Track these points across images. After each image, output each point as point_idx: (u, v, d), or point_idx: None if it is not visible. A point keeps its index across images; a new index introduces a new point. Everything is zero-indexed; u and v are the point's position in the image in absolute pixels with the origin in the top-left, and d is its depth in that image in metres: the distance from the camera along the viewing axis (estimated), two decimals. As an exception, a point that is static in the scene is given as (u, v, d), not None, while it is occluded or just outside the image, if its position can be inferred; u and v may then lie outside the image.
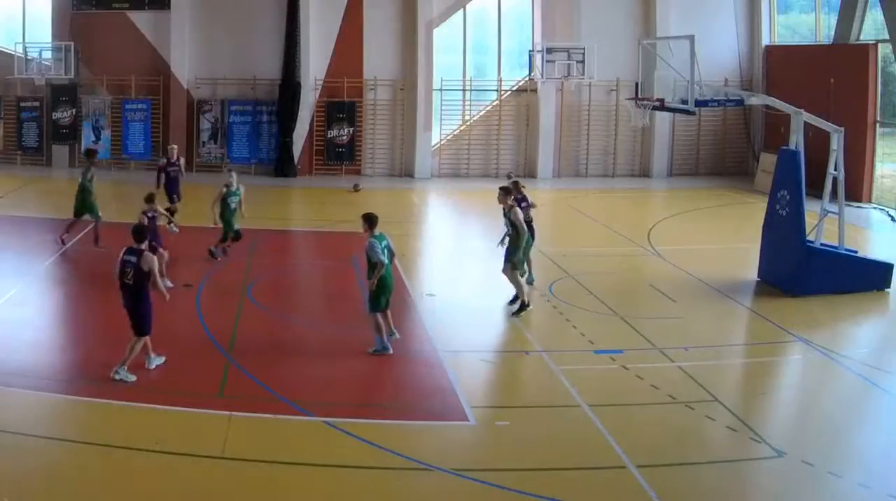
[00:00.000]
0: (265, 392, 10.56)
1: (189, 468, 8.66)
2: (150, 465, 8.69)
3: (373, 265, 11.73)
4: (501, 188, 14.21)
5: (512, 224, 13.76)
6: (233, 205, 16.53)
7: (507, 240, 13.94)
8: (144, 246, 10.78)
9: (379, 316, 11.89)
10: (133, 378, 10.74)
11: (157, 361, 11.15)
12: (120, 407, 9.97)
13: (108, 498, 8.16)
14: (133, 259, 10.62)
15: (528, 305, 13.79)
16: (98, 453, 8.81)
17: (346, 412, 10.08)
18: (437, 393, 10.89)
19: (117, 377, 10.68)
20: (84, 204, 17.40)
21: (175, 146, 20.10)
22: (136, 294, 10.66)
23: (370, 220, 11.84)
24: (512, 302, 14.04)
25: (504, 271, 13.86)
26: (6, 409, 9.75)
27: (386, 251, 11.80)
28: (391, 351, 11.86)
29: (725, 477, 8.89)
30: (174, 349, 11.95)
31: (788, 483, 8.70)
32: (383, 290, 11.83)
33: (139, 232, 10.96)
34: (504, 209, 13.93)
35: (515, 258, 13.82)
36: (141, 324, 10.78)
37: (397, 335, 12.22)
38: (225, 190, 16.51)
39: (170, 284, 11.34)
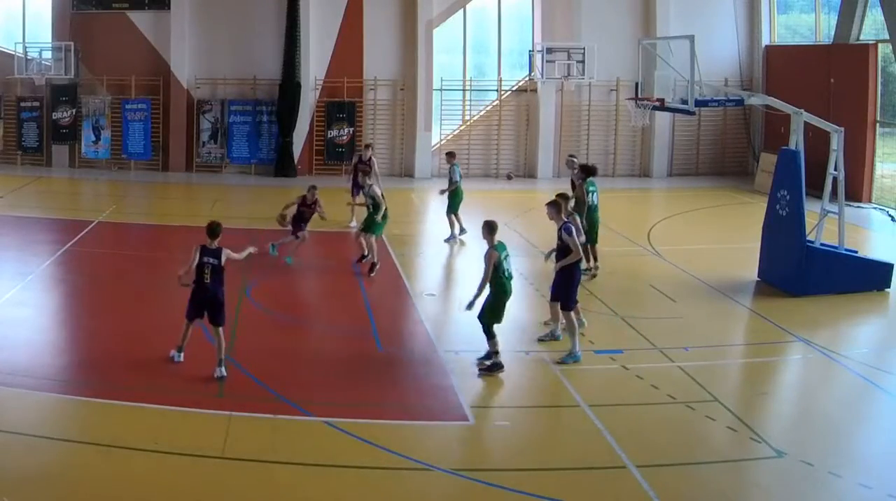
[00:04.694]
0: (265, 392, 10.56)
1: (189, 468, 8.65)
2: (149, 465, 8.69)
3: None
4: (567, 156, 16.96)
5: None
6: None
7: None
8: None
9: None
10: None
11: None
12: (120, 407, 9.96)
13: (108, 498, 8.16)
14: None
15: None
16: (98, 453, 8.81)
17: (346, 412, 10.06)
18: (437, 393, 10.89)
19: None
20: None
21: None
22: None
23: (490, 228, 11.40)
24: None
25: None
26: (6, 409, 9.74)
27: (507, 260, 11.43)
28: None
29: (725, 477, 8.88)
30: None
31: (788, 483, 8.70)
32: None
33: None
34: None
35: None
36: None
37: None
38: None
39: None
